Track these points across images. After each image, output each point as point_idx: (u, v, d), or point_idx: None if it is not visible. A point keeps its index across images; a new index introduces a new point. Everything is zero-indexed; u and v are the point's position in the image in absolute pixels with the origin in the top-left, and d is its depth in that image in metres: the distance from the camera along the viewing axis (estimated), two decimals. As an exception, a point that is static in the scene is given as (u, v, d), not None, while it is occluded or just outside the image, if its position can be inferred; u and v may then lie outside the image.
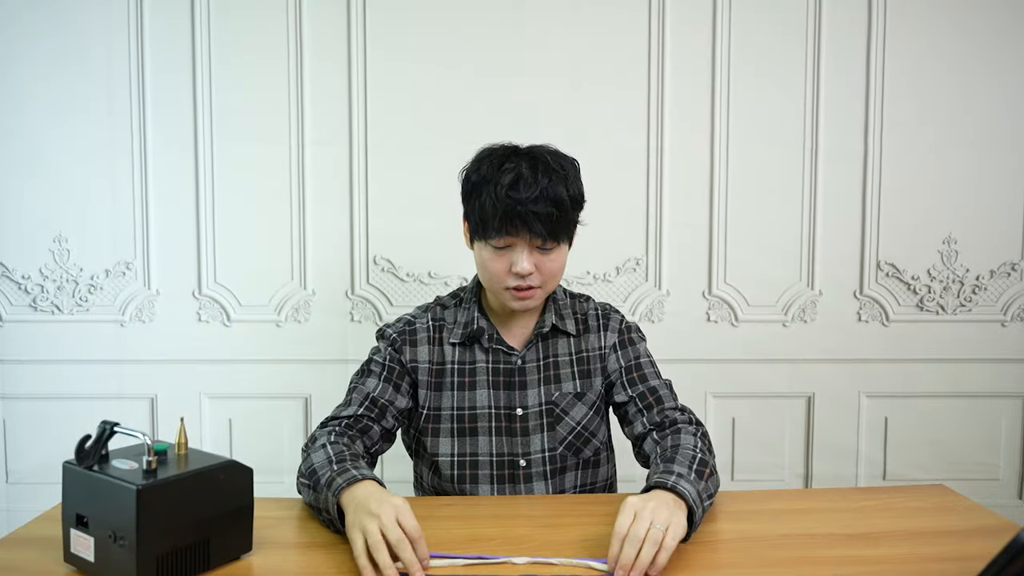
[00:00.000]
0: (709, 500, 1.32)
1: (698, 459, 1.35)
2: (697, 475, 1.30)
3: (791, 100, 2.47)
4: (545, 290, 1.50)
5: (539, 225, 1.41)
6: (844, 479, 2.54)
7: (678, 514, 1.17)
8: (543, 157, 1.46)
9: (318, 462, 1.34)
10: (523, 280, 1.46)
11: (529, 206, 1.40)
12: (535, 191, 1.40)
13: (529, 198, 1.40)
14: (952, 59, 2.45)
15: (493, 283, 1.50)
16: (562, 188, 1.43)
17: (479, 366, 1.57)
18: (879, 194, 2.47)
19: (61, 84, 2.43)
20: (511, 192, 1.40)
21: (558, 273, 1.50)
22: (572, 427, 1.56)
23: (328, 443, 1.38)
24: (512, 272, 1.45)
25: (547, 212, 1.41)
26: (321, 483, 1.28)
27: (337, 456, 1.33)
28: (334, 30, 2.44)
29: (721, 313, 2.52)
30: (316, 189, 2.48)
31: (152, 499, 1.02)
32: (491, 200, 1.42)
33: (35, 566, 1.13)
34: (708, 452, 1.41)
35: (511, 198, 1.40)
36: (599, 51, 2.45)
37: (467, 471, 1.56)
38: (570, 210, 1.45)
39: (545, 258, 1.46)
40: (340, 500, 1.23)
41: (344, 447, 1.38)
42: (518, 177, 1.42)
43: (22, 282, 2.47)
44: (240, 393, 2.52)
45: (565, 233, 1.47)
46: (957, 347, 2.52)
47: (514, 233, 1.42)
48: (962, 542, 1.23)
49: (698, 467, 1.33)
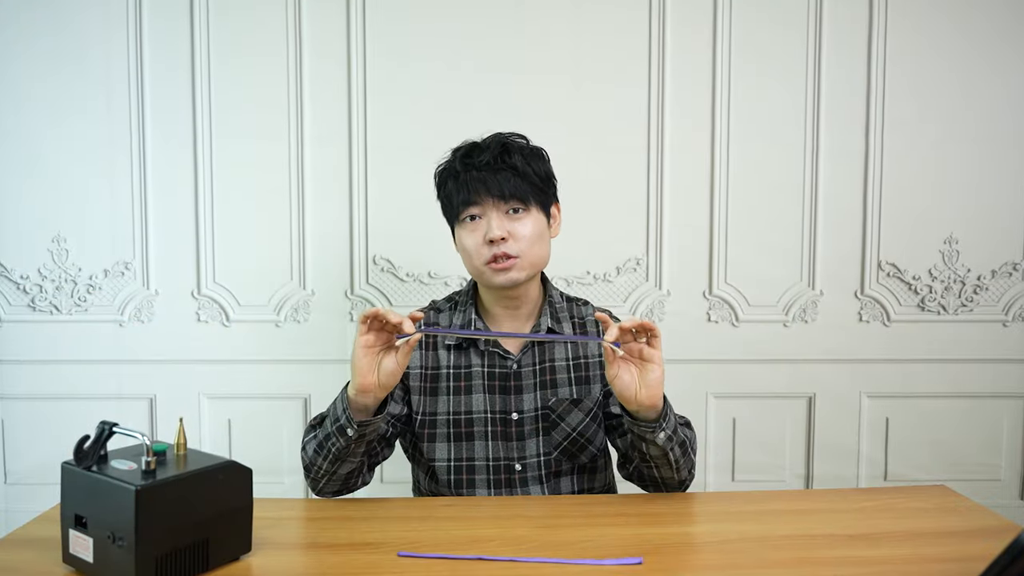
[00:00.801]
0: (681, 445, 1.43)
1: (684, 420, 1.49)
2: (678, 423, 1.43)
3: (792, 99, 2.46)
4: (527, 261, 1.49)
5: (497, 186, 1.46)
6: (845, 480, 2.54)
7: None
8: (498, 135, 1.54)
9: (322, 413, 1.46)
10: (497, 247, 1.46)
11: (485, 170, 1.47)
12: (487, 157, 1.48)
13: (483, 161, 1.48)
14: (953, 58, 2.45)
15: (474, 261, 1.50)
16: (518, 157, 1.50)
17: (475, 370, 1.56)
18: (880, 193, 2.47)
19: (59, 83, 2.42)
20: (465, 159, 1.50)
21: (536, 243, 1.50)
22: (567, 433, 1.56)
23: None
24: (486, 241, 1.47)
25: (505, 173, 1.47)
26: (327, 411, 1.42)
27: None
28: (333, 27, 2.43)
29: (722, 313, 2.51)
30: (316, 188, 2.47)
31: (151, 500, 1.01)
32: (452, 177, 1.51)
33: (34, 567, 1.12)
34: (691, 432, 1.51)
35: (466, 164, 1.49)
36: (600, 49, 2.44)
37: (463, 476, 1.56)
38: (531, 175, 1.49)
39: (517, 224, 1.48)
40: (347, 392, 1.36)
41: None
42: (472, 148, 1.52)
43: (20, 282, 2.47)
44: (239, 393, 2.51)
45: (532, 198, 1.49)
46: (958, 347, 2.51)
47: (477, 200, 1.47)
48: (963, 543, 1.22)
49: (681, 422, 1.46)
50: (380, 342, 1.34)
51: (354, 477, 1.49)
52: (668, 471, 1.45)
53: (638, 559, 1.14)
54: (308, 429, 1.48)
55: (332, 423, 1.38)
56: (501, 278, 1.49)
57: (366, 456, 1.48)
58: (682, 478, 1.48)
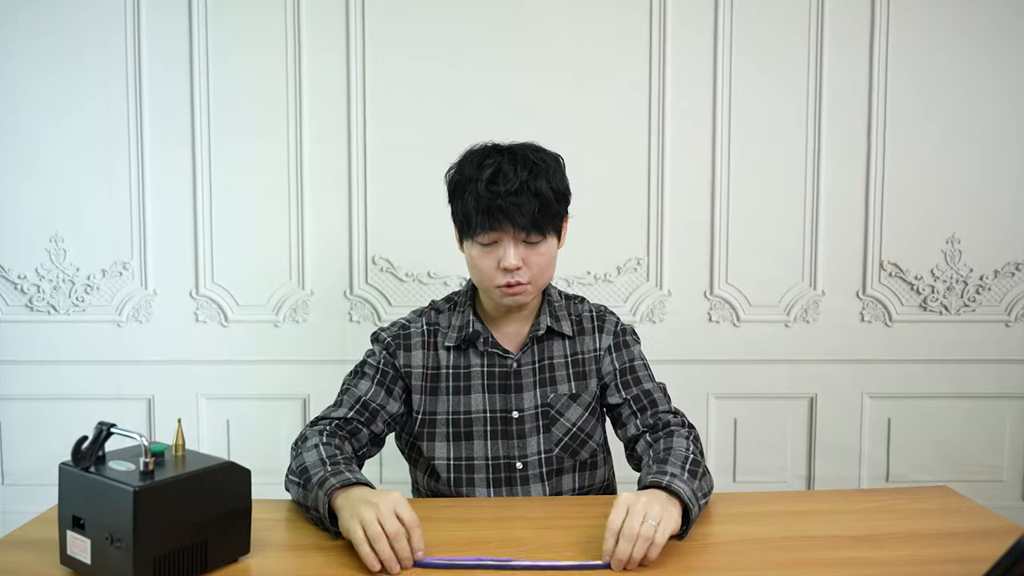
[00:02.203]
0: (704, 498, 1.34)
1: (691, 460, 1.37)
2: (691, 475, 1.32)
3: (793, 98, 2.45)
4: (536, 285, 1.50)
5: (521, 218, 1.43)
6: (847, 480, 2.53)
7: (671, 510, 1.20)
8: (523, 153, 1.48)
9: (310, 461, 1.35)
10: (512, 275, 1.46)
11: (510, 199, 1.42)
12: (515, 184, 1.43)
13: (509, 191, 1.42)
14: (956, 56, 2.44)
15: (484, 281, 1.50)
16: (543, 181, 1.45)
17: (474, 370, 1.57)
18: (882, 193, 2.46)
19: (57, 83, 2.41)
20: (491, 187, 1.43)
21: (547, 267, 1.51)
22: (568, 428, 1.56)
23: (320, 443, 1.39)
24: (500, 268, 1.46)
25: (529, 204, 1.43)
26: (312, 481, 1.29)
27: (330, 458, 1.34)
28: (333, 26, 2.42)
29: (723, 313, 2.51)
30: (315, 188, 2.46)
31: (149, 501, 1.01)
32: (473, 197, 1.44)
33: (31, 568, 1.12)
34: (700, 454, 1.43)
35: (491, 192, 1.42)
36: (601, 48, 2.44)
37: (463, 475, 1.56)
38: (553, 203, 1.47)
39: (532, 252, 1.47)
40: (333, 501, 1.23)
41: (336, 449, 1.40)
42: (497, 171, 1.44)
43: (18, 282, 2.46)
44: (238, 394, 2.51)
45: (550, 226, 1.48)
46: (960, 348, 2.51)
47: (498, 228, 1.44)
48: (965, 544, 1.22)
49: (691, 467, 1.34)
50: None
51: None
52: None
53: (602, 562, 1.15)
54: (292, 469, 1.39)
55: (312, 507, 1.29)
56: (509, 300, 1.50)
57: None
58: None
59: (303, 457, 1.37)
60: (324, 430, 1.46)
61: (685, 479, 1.29)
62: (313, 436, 1.43)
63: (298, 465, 1.36)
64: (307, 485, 1.30)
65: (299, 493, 1.33)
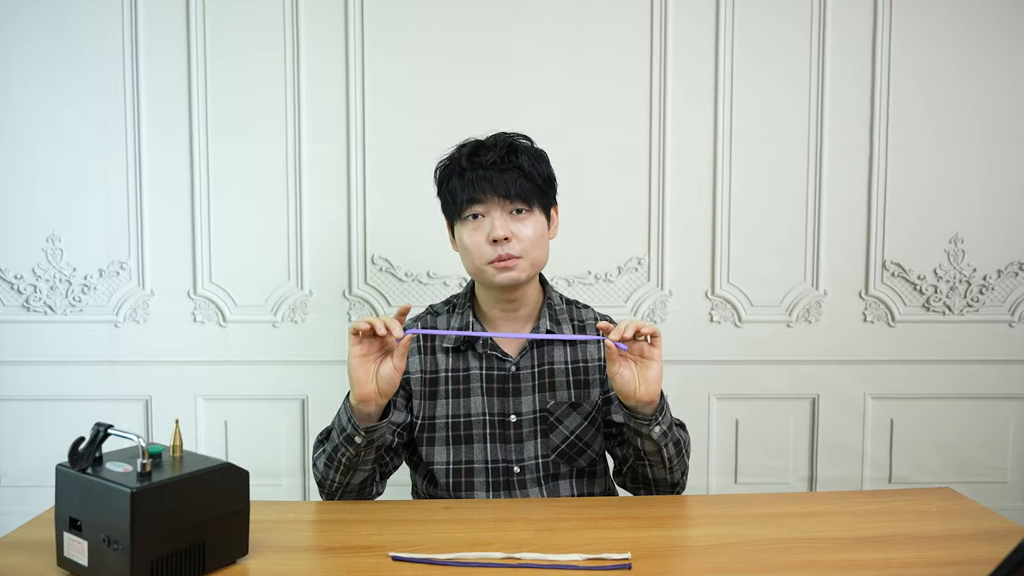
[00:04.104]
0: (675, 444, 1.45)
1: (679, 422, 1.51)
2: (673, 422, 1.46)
3: (795, 95, 2.44)
4: (528, 260, 1.50)
5: (504, 186, 1.46)
6: (849, 482, 2.52)
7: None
8: (504, 136, 1.54)
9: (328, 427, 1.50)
10: (501, 248, 1.47)
11: (492, 169, 1.47)
12: (495, 157, 1.49)
13: (490, 160, 1.48)
14: (959, 54, 2.43)
15: (476, 260, 1.50)
16: (524, 158, 1.50)
17: (472, 373, 1.56)
18: (885, 192, 2.45)
19: (54, 82, 2.40)
20: (472, 158, 1.50)
21: (538, 243, 1.51)
22: (565, 436, 1.56)
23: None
24: (490, 240, 1.47)
25: (512, 173, 1.48)
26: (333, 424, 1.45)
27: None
28: (331, 24, 2.41)
29: (724, 313, 2.50)
30: (313, 187, 2.45)
31: (147, 502, 1.01)
32: (456, 175, 1.51)
33: (28, 570, 1.12)
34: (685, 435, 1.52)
35: (472, 162, 1.49)
36: (601, 44, 2.42)
37: (462, 479, 1.56)
38: (536, 176, 1.50)
39: (520, 224, 1.49)
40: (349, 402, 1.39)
41: None
42: (478, 145, 1.53)
43: (15, 282, 2.45)
44: (236, 395, 2.49)
45: (536, 199, 1.50)
46: (964, 348, 2.49)
47: (483, 198, 1.47)
48: (969, 546, 1.22)
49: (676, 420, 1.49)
50: (374, 350, 1.38)
51: (368, 486, 1.50)
52: (661, 471, 1.47)
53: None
54: (316, 444, 1.52)
55: (339, 434, 1.40)
56: (503, 276, 1.49)
57: (377, 464, 1.49)
58: (675, 480, 1.50)
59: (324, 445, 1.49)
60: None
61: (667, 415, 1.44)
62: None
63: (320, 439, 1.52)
64: (328, 434, 1.47)
65: (327, 450, 1.45)
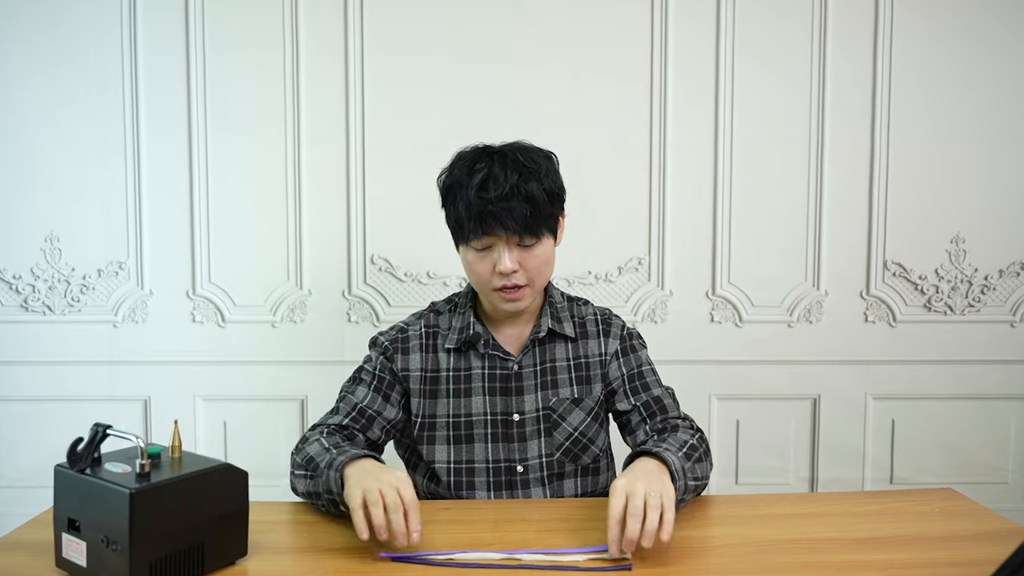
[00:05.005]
0: (695, 482, 1.35)
1: (688, 444, 1.40)
2: (685, 456, 1.34)
3: (796, 94, 2.44)
4: (534, 288, 1.50)
5: (513, 223, 1.42)
6: (850, 482, 2.52)
7: (664, 480, 1.22)
8: (514, 155, 1.47)
9: (314, 451, 1.37)
10: (508, 279, 1.45)
11: (500, 204, 1.41)
12: (505, 188, 1.41)
13: (499, 196, 1.41)
14: (960, 53, 2.43)
15: (481, 286, 1.50)
16: (534, 184, 1.44)
17: (474, 372, 1.56)
18: (886, 192, 2.45)
19: (53, 81, 2.40)
20: (481, 193, 1.42)
21: (544, 269, 1.50)
22: (569, 433, 1.55)
23: (322, 438, 1.42)
24: (496, 272, 1.45)
25: (520, 208, 1.42)
26: (320, 467, 1.31)
27: (334, 445, 1.38)
28: (331, 23, 2.41)
29: (725, 313, 2.49)
30: (313, 187, 2.45)
31: (145, 503, 1.01)
32: (464, 203, 1.44)
33: (26, 571, 1.12)
34: (701, 444, 1.44)
35: (482, 199, 1.41)
36: (601, 44, 2.42)
37: (464, 478, 1.55)
38: (546, 204, 1.45)
39: (528, 254, 1.46)
40: (344, 472, 1.25)
41: (340, 440, 1.44)
42: (488, 177, 1.43)
43: (13, 282, 2.44)
44: (235, 395, 2.49)
45: (544, 227, 1.47)
46: (965, 348, 2.50)
47: (491, 232, 1.43)
48: (970, 546, 1.22)
49: (687, 451, 1.37)
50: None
51: None
52: None
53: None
54: (295, 463, 1.41)
55: (324, 491, 1.30)
56: (509, 306, 1.50)
57: None
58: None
59: (306, 451, 1.39)
60: (324, 430, 1.47)
61: (678, 456, 1.31)
62: (313, 435, 1.44)
63: (303, 459, 1.38)
64: (315, 472, 1.32)
65: (307, 484, 1.35)
